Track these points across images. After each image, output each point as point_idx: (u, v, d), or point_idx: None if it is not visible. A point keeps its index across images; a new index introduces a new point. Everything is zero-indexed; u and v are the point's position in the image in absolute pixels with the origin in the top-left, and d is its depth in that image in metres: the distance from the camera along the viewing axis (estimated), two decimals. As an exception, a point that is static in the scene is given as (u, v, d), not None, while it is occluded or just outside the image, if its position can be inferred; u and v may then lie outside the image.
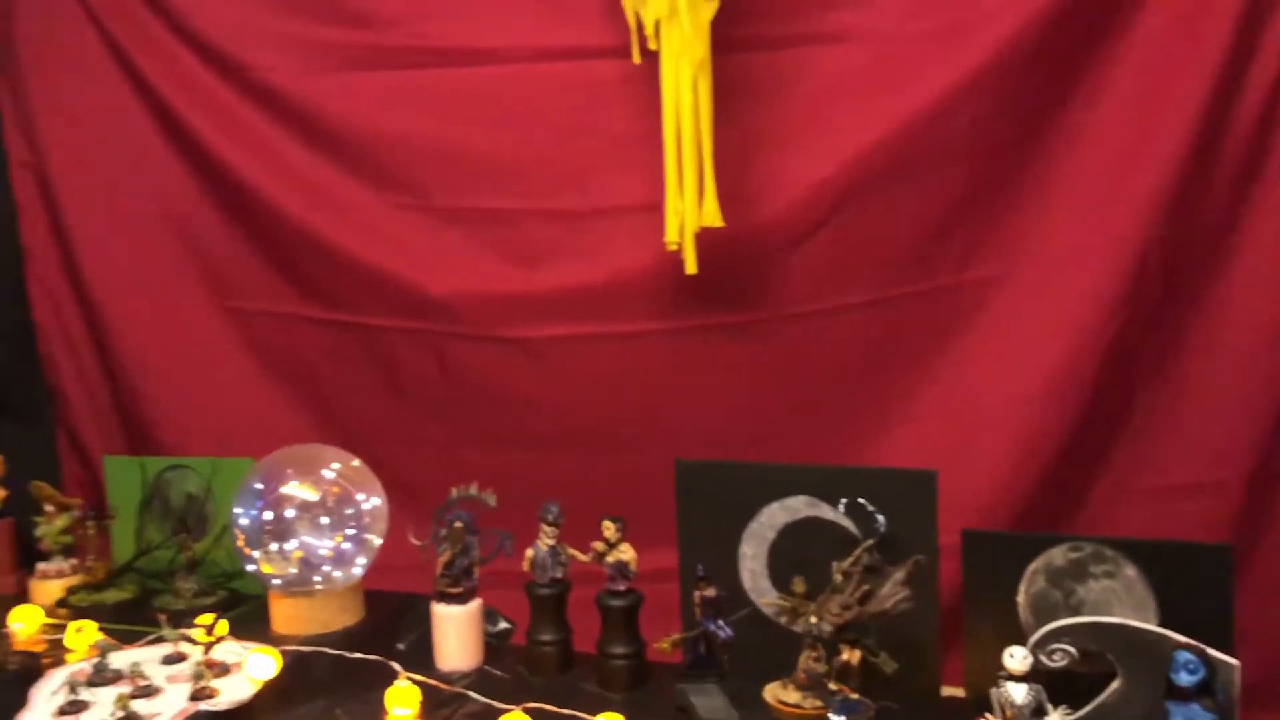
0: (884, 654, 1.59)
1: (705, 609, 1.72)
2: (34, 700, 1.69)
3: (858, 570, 1.61)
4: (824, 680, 1.59)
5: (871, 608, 1.57)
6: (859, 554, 1.63)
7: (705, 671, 1.73)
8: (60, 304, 3.03)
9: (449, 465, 2.79)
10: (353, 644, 1.94)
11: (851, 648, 1.57)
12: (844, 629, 1.57)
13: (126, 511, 2.21)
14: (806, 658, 1.59)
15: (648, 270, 2.53)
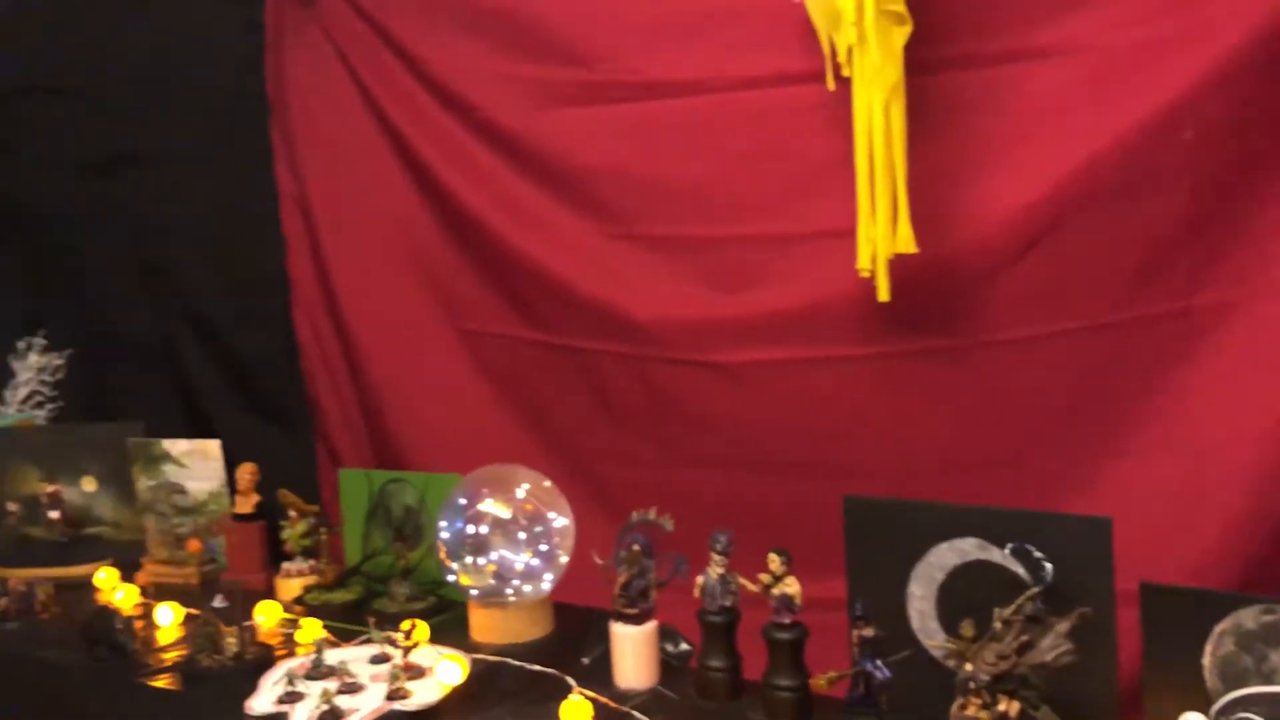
0: (1045, 708, 1.53)
1: (864, 648, 1.71)
2: (261, 687, 1.92)
3: (1019, 619, 1.56)
4: (981, 730, 1.55)
5: (1030, 659, 1.51)
6: (1021, 602, 1.57)
7: (864, 711, 1.72)
8: (319, 326, 3.36)
9: (658, 484, 2.90)
10: (540, 655, 2.06)
11: (1010, 699, 1.52)
12: (1001, 679, 1.52)
13: (355, 519, 2.44)
14: (958, 706, 1.55)
15: (847, 294, 2.52)
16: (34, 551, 2.74)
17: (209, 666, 2.02)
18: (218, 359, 3.50)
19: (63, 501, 2.76)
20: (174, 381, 3.54)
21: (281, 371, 3.41)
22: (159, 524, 2.67)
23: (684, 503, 2.74)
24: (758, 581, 1.88)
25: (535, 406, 3.11)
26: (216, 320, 3.49)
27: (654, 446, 2.93)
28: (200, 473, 2.64)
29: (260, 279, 3.39)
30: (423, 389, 3.20)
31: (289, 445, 3.40)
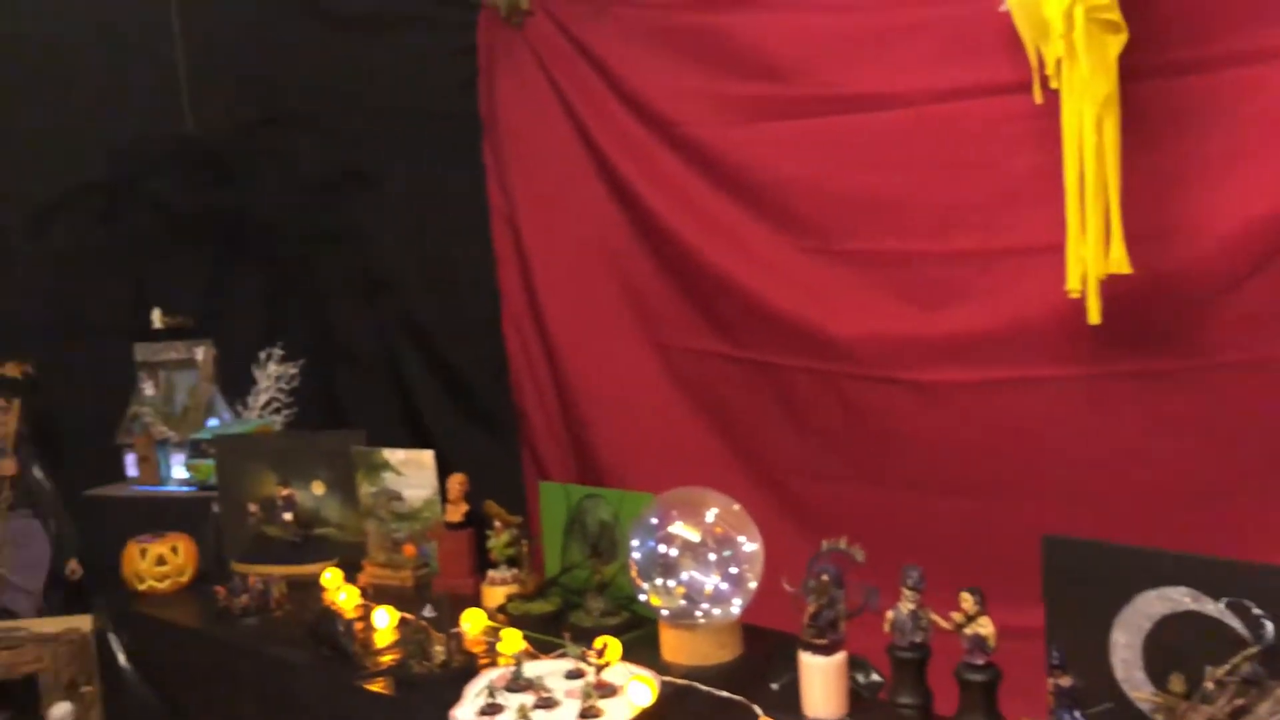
0: (1263, 777, 1.43)
1: (1061, 699, 1.65)
2: (465, 697, 2.03)
3: (1234, 681, 1.46)
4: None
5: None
6: (1238, 662, 1.48)
7: (1062, 762, 1.65)
8: (526, 338, 3.50)
9: (850, 503, 2.88)
10: (729, 678, 2.09)
11: (1224, 765, 1.43)
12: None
13: (554, 532, 2.53)
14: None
15: (1055, 312, 2.42)
16: (270, 550, 2.98)
17: (419, 673, 2.14)
18: (434, 369, 3.70)
19: (295, 504, 2.99)
20: (395, 389, 3.78)
21: (491, 382, 3.58)
22: (378, 528, 2.86)
23: (876, 523, 2.75)
24: (950, 619, 1.83)
25: (728, 421, 3.13)
26: (432, 331, 3.69)
27: (847, 465, 2.90)
28: (415, 481, 2.81)
29: (472, 292, 3.56)
30: (620, 401, 3.28)
31: (498, 453, 3.56)
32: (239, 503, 3.02)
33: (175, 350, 3.34)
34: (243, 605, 2.63)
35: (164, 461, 3.29)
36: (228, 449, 3.08)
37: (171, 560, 2.90)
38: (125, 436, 3.33)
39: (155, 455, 3.27)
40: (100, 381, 3.45)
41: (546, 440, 3.47)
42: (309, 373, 3.62)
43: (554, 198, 3.34)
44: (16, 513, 3.13)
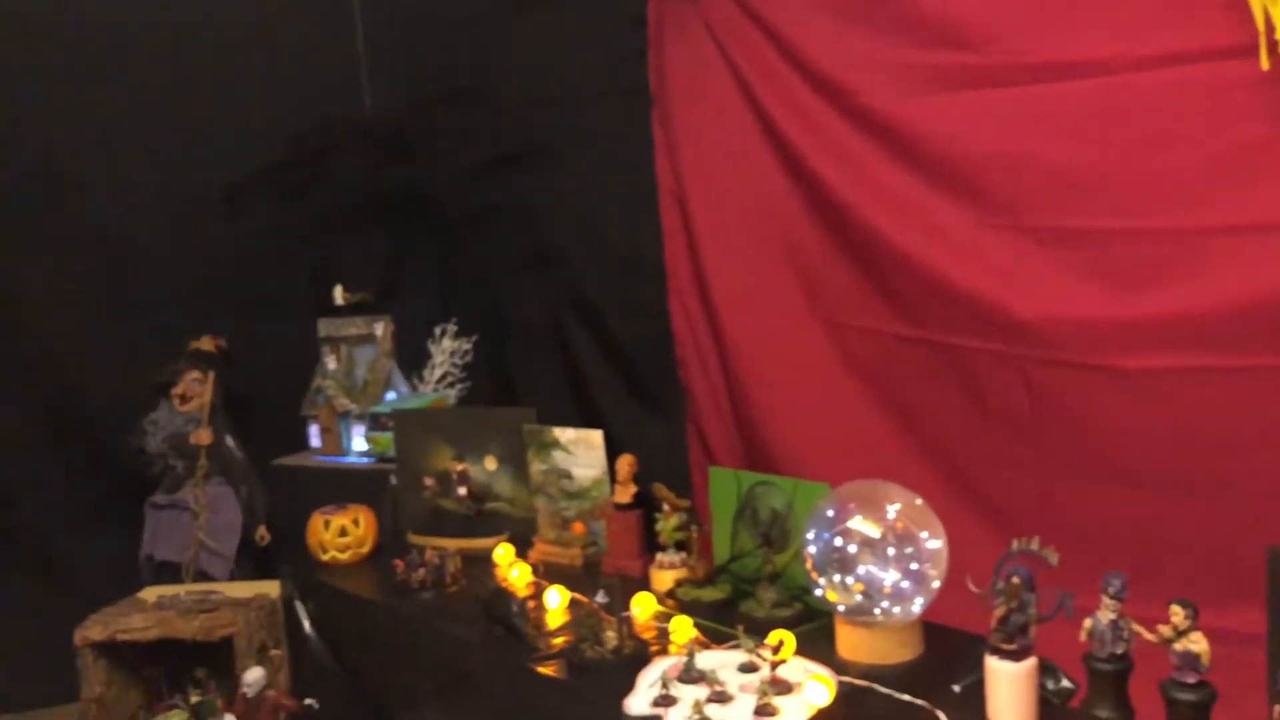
0: None
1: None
2: (638, 687, 2.01)
3: None
4: None
5: None
6: None
7: (1285, 798, 1.51)
8: (692, 316, 3.46)
9: (1035, 493, 2.74)
10: (909, 678, 2.01)
11: None
12: None
13: (724, 518, 2.49)
14: None
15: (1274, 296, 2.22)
16: (445, 523, 3.05)
17: (592, 658, 2.14)
18: (601, 345, 3.70)
19: (469, 478, 3.04)
20: (563, 365, 3.80)
21: (658, 360, 3.55)
22: (548, 505, 2.88)
23: (1066, 517, 2.60)
24: (1156, 632, 1.71)
25: (904, 404, 3.02)
26: (600, 308, 3.69)
27: (1033, 453, 2.74)
28: (585, 460, 2.81)
29: (639, 268, 3.54)
30: (789, 382, 3.20)
31: (663, 432, 3.54)
32: (415, 476, 3.10)
33: (356, 325, 3.44)
34: (420, 579, 2.69)
35: (345, 433, 3.40)
36: (405, 423, 3.16)
37: (353, 532, 2.99)
38: (309, 408, 3.46)
39: (337, 427, 3.39)
40: (287, 355, 3.59)
41: (713, 420, 3.43)
42: (480, 347, 3.69)
43: (723, 172, 3.28)
44: (211, 480, 3.30)
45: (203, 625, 2.81)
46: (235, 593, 3.00)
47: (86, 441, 3.40)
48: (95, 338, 3.45)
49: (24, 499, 3.40)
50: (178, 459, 3.27)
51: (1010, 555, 1.94)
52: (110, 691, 2.86)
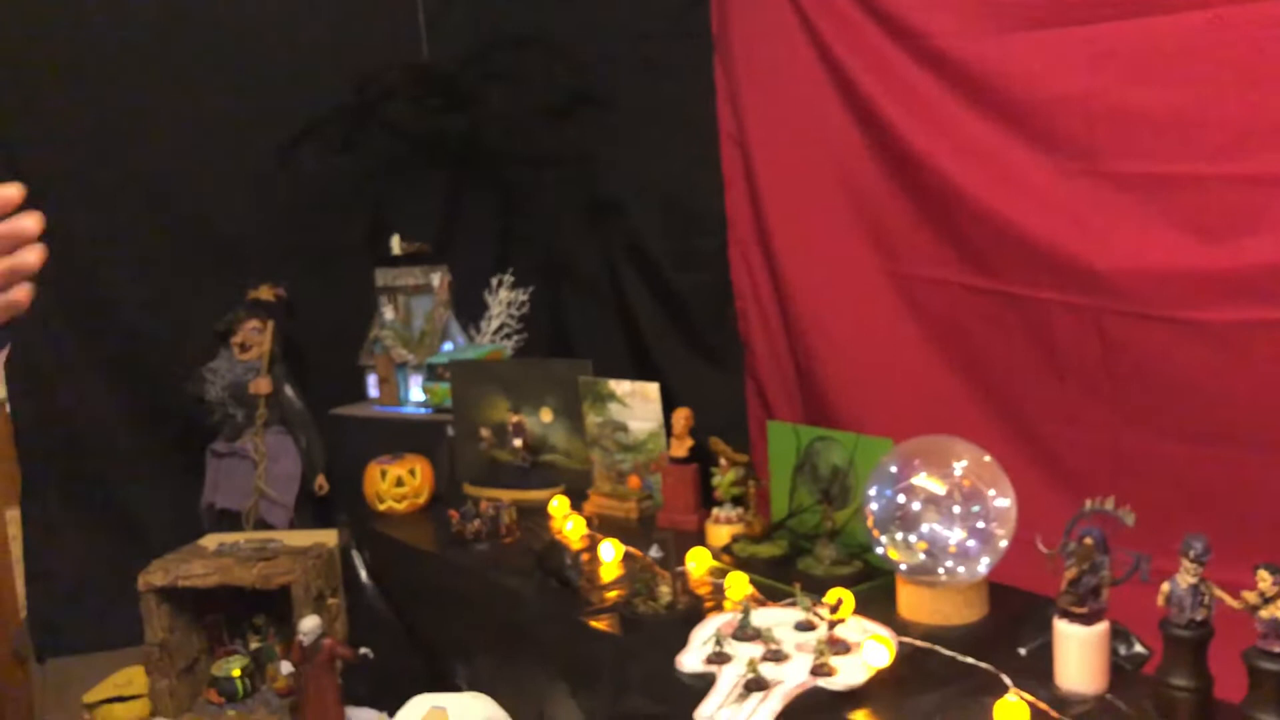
0: None
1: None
2: (691, 643, 1.97)
3: None
4: None
5: None
6: None
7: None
8: (753, 267, 3.37)
9: (1110, 452, 2.62)
10: (973, 640, 1.94)
11: None
12: None
13: (782, 473, 2.42)
14: None
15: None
16: (501, 475, 3.03)
17: (645, 613, 2.10)
18: (659, 296, 3.63)
19: (525, 430, 3.01)
20: (620, 317, 3.74)
21: (716, 311, 3.48)
22: (603, 458, 2.84)
23: (1141, 476, 2.49)
24: (1241, 598, 1.61)
25: (972, 358, 2.91)
26: (658, 258, 3.62)
27: (1109, 410, 2.62)
28: (640, 413, 2.76)
29: (699, 218, 3.45)
30: (852, 334, 3.11)
31: (721, 386, 3.46)
32: (471, 427, 3.08)
33: (413, 276, 3.41)
34: (475, 530, 2.67)
35: (403, 383, 3.39)
36: (461, 374, 3.13)
37: (409, 482, 2.99)
38: (367, 358, 3.45)
39: (394, 377, 3.38)
40: (346, 305, 3.59)
41: (772, 374, 3.35)
42: (537, 299, 3.64)
43: (787, 118, 3.17)
44: (270, 429, 3.31)
45: (261, 573, 2.83)
46: (293, 541, 3.02)
47: (150, 390, 3.43)
48: (158, 287, 3.46)
49: (92, 446, 3.44)
50: (237, 408, 3.29)
51: (1083, 515, 1.85)
52: (173, 636, 2.90)
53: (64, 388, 3.36)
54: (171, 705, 2.87)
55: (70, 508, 3.38)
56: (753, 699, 1.75)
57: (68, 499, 3.38)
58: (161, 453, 3.44)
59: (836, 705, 1.76)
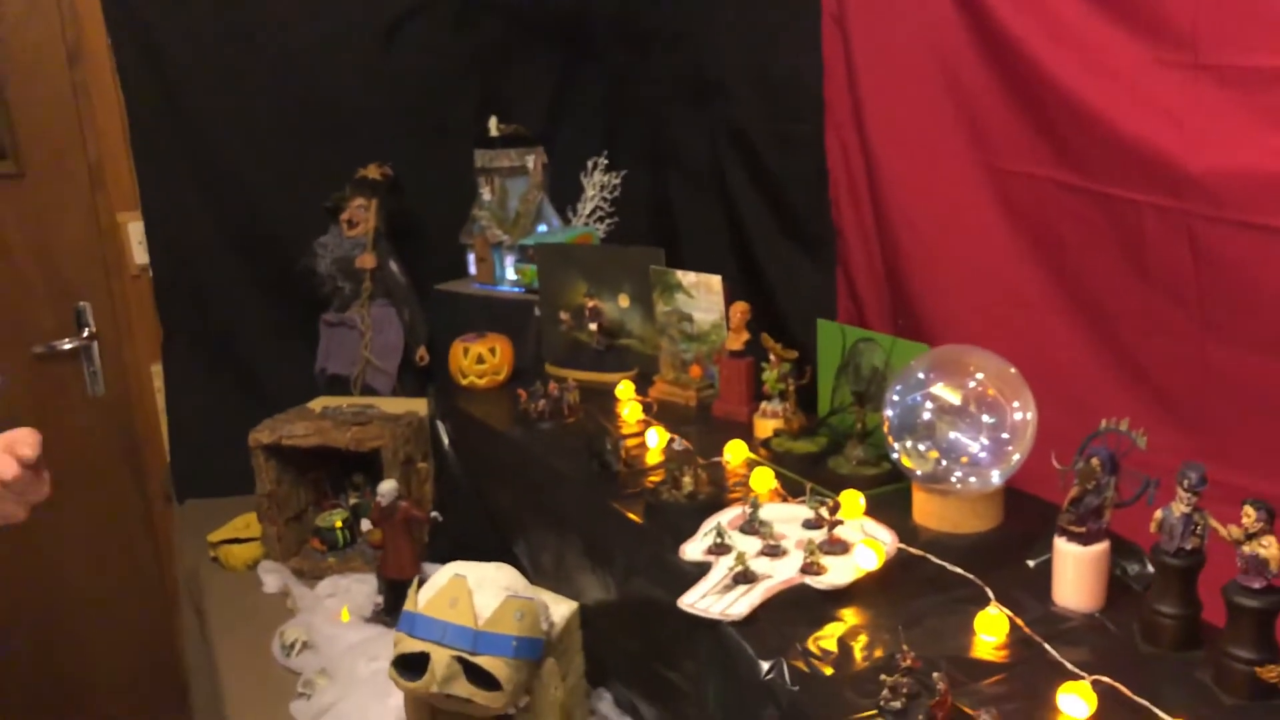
0: None
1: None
2: (699, 533, 2.05)
3: None
4: None
5: None
6: None
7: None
8: (849, 153, 3.29)
9: (1192, 361, 2.50)
10: (980, 550, 1.95)
11: None
12: None
13: (828, 373, 2.43)
14: None
15: None
16: (579, 356, 3.14)
17: (666, 500, 2.19)
18: (756, 181, 3.60)
19: (601, 314, 3.10)
20: (720, 201, 3.73)
21: (814, 197, 3.42)
22: (669, 347, 2.90)
23: (1223, 389, 2.37)
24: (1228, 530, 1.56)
25: (1060, 258, 2.78)
26: (757, 142, 3.57)
27: (1193, 319, 2.48)
28: (704, 304, 2.80)
29: (798, 101, 3.38)
30: (940, 225, 3.01)
31: (815, 274, 3.44)
32: (554, 308, 3.18)
33: (509, 157, 3.49)
34: (539, 410, 2.80)
35: (499, 263, 3.51)
36: (545, 256, 3.23)
37: (489, 360, 3.13)
38: (466, 237, 3.58)
39: (491, 256, 3.50)
40: (453, 185, 3.71)
41: (861, 265, 3.29)
42: (638, 182, 3.67)
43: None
44: (376, 302, 3.51)
45: (354, 437, 3.06)
46: (389, 408, 3.23)
47: (273, 261, 3.66)
48: (280, 166, 3.66)
49: (222, 312, 3.72)
50: (345, 281, 3.49)
51: (1097, 434, 1.81)
52: (280, 489, 3.18)
53: (198, 258, 3.63)
54: (280, 549, 3.17)
55: (204, 367, 3.69)
56: (738, 590, 1.82)
57: (202, 358, 3.69)
58: (283, 320, 3.70)
59: (819, 603, 1.82)
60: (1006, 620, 1.71)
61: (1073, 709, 1.50)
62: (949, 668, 1.61)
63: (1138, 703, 1.51)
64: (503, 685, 1.95)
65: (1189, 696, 1.53)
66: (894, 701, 1.55)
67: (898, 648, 1.61)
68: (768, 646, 1.71)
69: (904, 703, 1.55)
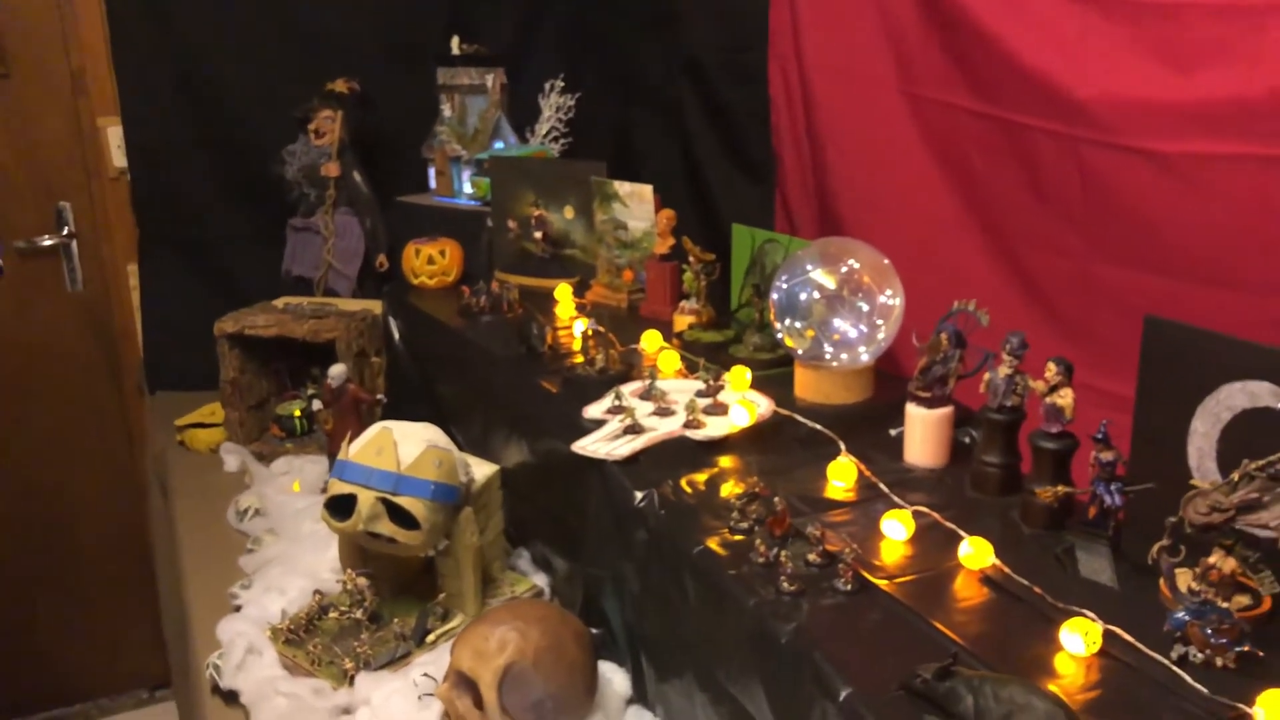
0: (1268, 574, 1.36)
1: (1101, 471, 1.60)
2: (605, 397, 2.28)
3: (1262, 475, 1.36)
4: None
5: (1250, 519, 1.33)
6: (1275, 459, 1.37)
7: (1094, 533, 1.63)
8: (789, 81, 3.49)
9: (1080, 278, 2.72)
10: (849, 417, 2.19)
11: (1226, 555, 1.37)
12: (1210, 530, 1.37)
13: (739, 272, 2.66)
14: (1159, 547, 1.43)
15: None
16: (527, 264, 3.36)
17: (580, 375, 2.42)
18: (709, 107, 3.80)
19: (546, 224, 3.31)
20: (675, 126, 3.94)
21: (756, 123, 3.63)
22: (605, 253, 3.12)
23: (1104, 302, 2.60)
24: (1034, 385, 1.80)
25: (970, 182, 3.00)
26: (710, 70, 3.77)
27: (1080, 238, 2.71)
28: (637, 213, 3.01)
29: (746, 31, 3.57)
30: (865, 149, 3.22)
31: (756, 195, 3.65)
32: (504, 218, 3.40)
33: (469, 75, 3.69)
34: (480, 305, 3.02)
35: (457, 176, 3.72)
36: (498, 169, 3.43)
37: (439, 261, 3.35)
38: (427, 151, 3.79)
39: (450, 170, 3.71)
40: (419, 102, 3.90)
41: (796, 187, 3.51)
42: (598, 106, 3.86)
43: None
44: (339, 210, 3.72)
45: (311, 328, 3.28)
46: (346, 306, 3.46)
47: (247, 167, 3.85)
48: (256, 76, 3.84)
49: (199, 215, 3.91)
50: (310, 187, 3.70)
51: (950, 314, 2.04)
52: (244, 378, 3.40)
53: (174, 162, 3.82)
54: (242, 434, 3.40)
55: (178, 267, 3.90)
56: (625, 438, 2.06)
57: (176, 259, 3.90)
58: (254, 224, 3.89)
59: (697, 452, 2.06)
60: (855, 468, 1.96)
61: (893, 531, 1.75)
62: (799, 503, 1.86)
63: (949, 528, 1.76)
64: (421, 524, 2.18)
65: (997, 528, 1.77)
66: (742, 522, 1.79)
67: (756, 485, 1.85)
68: (644, 481, 1.96)
69: (750, 524, 1.79)
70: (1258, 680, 1.32)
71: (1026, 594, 1.57)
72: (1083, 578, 1.60)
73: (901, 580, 1.63)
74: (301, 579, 2.47)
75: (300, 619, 2.29)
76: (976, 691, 1.27)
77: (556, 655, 1.89)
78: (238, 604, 2.47)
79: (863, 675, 1.40)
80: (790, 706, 1.50)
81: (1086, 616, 1.45)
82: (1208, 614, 1.36)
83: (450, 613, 2.30)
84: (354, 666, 2.12)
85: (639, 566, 1.95)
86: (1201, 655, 1.37)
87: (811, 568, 1.67)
